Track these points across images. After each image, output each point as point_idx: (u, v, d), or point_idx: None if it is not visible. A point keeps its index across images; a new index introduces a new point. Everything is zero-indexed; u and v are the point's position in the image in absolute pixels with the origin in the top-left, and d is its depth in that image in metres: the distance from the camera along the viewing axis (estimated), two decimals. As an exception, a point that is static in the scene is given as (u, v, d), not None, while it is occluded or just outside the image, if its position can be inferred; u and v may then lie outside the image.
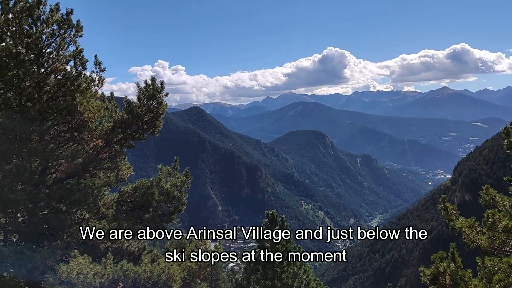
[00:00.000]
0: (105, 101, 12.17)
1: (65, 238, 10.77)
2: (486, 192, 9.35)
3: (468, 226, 9.13)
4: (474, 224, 9.21)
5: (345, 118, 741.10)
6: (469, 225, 9.15)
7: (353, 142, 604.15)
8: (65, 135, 11.58)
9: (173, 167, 13.00)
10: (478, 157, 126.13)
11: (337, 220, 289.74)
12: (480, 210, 9.25)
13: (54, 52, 10.95)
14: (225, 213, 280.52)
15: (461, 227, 9.18)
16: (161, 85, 11.56)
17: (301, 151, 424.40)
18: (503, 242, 8.74)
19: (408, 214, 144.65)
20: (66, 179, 11.61)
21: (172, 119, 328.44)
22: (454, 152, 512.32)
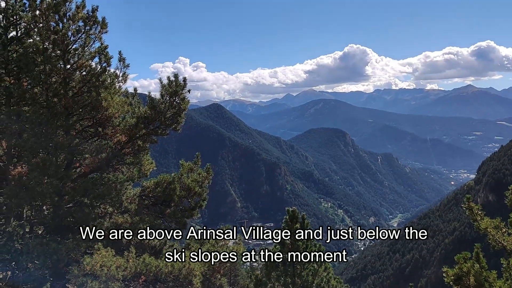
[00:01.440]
0: (129, 97, 12.34)
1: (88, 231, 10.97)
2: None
3: (494, 226, 8.93)
4: (499, 225, 9.00)
5: (366, 116, 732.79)
6: (495, 225, 8.94)
7: (374, 140, 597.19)
8: (90, 130, 11.80)
9: (194, 162, 13.08)
10: (503, 156, 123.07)
11: (357, 219, 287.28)
12: (504, 211, 9.05)
13: (79, 49, 11.16)
14: (244, 210, 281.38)
15: (486, 227, 8.98)
16: (183, 82, 11.64)
17: (321, 148, 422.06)
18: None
19: (430, 214, 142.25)
20: (90, 174, 11.83)
21: (192, 116, 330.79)
22: (478, 152, 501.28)
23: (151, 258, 10.05)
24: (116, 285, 9.14)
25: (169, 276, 10.27)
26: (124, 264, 9.47)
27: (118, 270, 9.22)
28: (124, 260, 9.61)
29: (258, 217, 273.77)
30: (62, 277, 11.17)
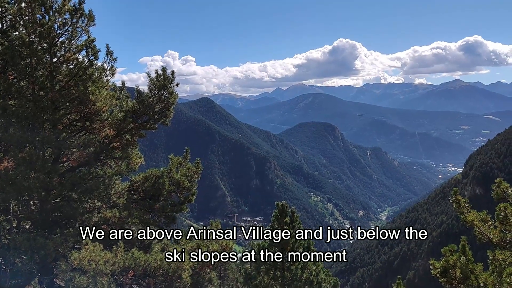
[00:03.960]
0: (117, 91, 12.23)
1: (77, 226, 10.91)
2: (499, 186, 9.25)
3: (480, 219, 9.06)
4: (486, 218, 9.13)
5: (355, 110, 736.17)
6: (481, 218, 9.07)
7: (363, 134, 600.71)
8: (77, 124, 11.67)
9: (183, 157, 13.05)
10: (490, 150, 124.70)
11: (346, 212, 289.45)
12: (490, 204, 9.17)
13: (66, 42, 11.01)
14: (234, 204, 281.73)
15: (473, 220, 9.10)
16: (172, 76, 11.57)
17: (310, 143, 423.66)
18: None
19: (418, 207, 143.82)
20: (78, 168, 11.73)
21: (182, 110, 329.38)
22: (465, 146, 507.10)
23: (140, 253, 10.01)
24: (105, 280, 9.10)
25: (158, 271, 10.25)
26: (113, 259, 9.42)
27: (106, 265, 9.18)
28: (113, 254, 9.56)
29: (247, 211, 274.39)
30: (49, 272, 11.10)
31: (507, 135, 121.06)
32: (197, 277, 12.16)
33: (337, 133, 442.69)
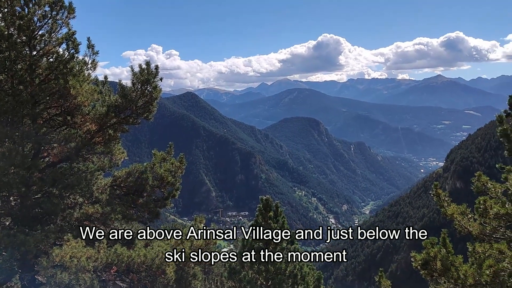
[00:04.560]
0: (99, 85, 12.05)
1: (58, 222, 10.76)
2: (479, 179, 9.43)
3: (460, 212, 9.22)
4: (465, 211, 9.31)
5: (339, 105, 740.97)
6: (461, 211, 9.24)
7: (347, 129, 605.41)
8: (58, 118, 11.47)
9: (167, 152, 12.96)
10: (471, 145, 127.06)
11: (330, 207, 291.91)
12: (471, 198, 9.33)
13: (46, 34, 10.78)
14: (219, 199, 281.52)
15: (453, 213, 9.27)
16: (155, 70, 11.46)
17: (295, 138, 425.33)
18: (494, 229, 8.84)
19: (400, 201, 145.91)
20: (59, 163, 11.55)
21: (166, 104, 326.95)
22: (446, 140, 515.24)
23: (123, 249, 9.93)
24: (87, 276, 9.01)
25: (141, 266, 10.19)
26: (95, 255, 9.33)
27: (88, 261, 9.08)
28: (95, 251, 9.46)
29: (232, 206, 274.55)
30: (31, 269, 10.93)
31: (487, 130, 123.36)
32: (181, 272, 12.13)
33: (322, 128, 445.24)
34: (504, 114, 8.71)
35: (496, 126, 8.82)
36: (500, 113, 8.72)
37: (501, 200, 8.85)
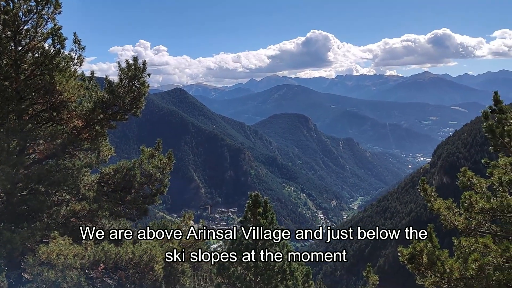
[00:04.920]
0: (85, 81, 11.92)
1: (45, 219, 10.65)
2: (464, 174, 9.55)
3: (446, 207, 9.34)
4: (451, 206, 9.43)
5: (328, 101, 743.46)
6: (447, 206, 9.35)
7: (336, 125, 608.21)
8: (44, 115, 11.32)
9: (155, 148, 12.89)
10: (457, 141, 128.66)
11: (319, 202, 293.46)
12: (457, 193, 9.45)
13: (31, 30, 10.62)
14: (208, 195, 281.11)
15: (439, 208, 9.38)
16: (143, 66, 11.36)
17: (284, 134, 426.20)
18: (479, 223, 8.97)
19: (388, 197, 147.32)
20: (45, 160, 11.41)
21: (154, 100, 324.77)
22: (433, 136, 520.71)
23: (110, 246, 9.87)
24: (74, 273, 8.94)
25: (129, 263, 10.14)
26: (82, 252, 9.25)
27: (75, 259, 9.00)
28: (82, 248, 9.39)
29: (222, 203, 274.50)
30: (17, 267, 10.81)
31: (473, 126, 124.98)
32: (170, 269, 12.12)
33: (311, 124, 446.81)
34: (489, 110, 8.83)
35: (482, 122, 8.94)
36: (486, 109, 8.84)
37: (486, 195, 8.99)
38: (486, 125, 8.56)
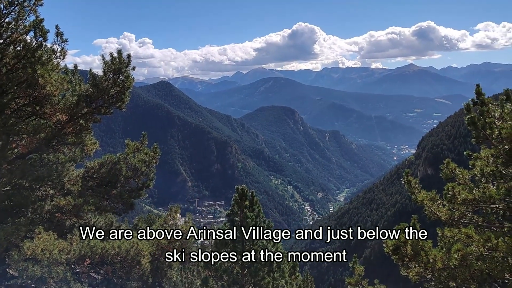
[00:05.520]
0: (69, 74, 11.73)
1: (29, 215, 10.52)
2: (447, 166, 9.70)
3: (429, 198, 9.48)
4: (435, 197, 9.58)
5: (314, 94, 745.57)
6: (430, 197, 9.50)
7: (322, 118, 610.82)
8: (26, 109, 11.13)
9: (141, 142, 12.80)
10: (441, 132, 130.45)
11: (306, 195, 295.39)
12: (442, 184, 9.60)
13: (13, 22, 10.39)
14: (195, 189, 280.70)
15: (423, 199, 9.52)
16: (128, 59, 11.22)
17: (271, 126, 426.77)
18: (462, 214, 9.13)
19: (374, 188, 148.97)
20: (29, 155, 11.25)
21: (139, 94, 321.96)
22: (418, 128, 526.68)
23: (96, 240, 9.80)
24: (60, 269, 8.87)
25: (116, 258, 10.09)
26: (68, 247, 9.18)
27: (61, 254, 8.93)
28: (68, 243, 9.31)
29: (209, 196, 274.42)
30: (2, 262, 10.68)
31: (457, 118, 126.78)
32: (157, 263, 12.09)
33: (297, 117, 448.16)
34: (471, 102, 8.96)
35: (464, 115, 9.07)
36: (468, 102, 8.97)
37: (469, 186, 9.15)
38: (468, 117, 8.68)
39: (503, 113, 8.45)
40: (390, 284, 12.79)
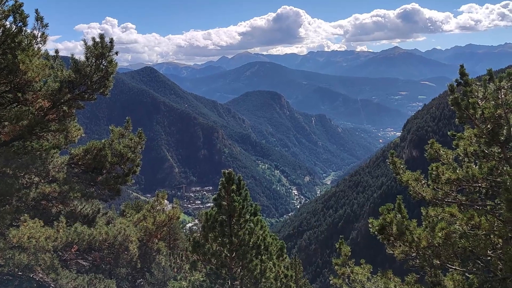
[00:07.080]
0: (50, 60, 11.49)
1: (14, 203, 10.39)
2: (431, 146, 9.83)
3: (414, 179, 9.62)
4: (419, 177, 9.72)
5: (300, 78, 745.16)
6: (415, 178, 9.63)
7: (308, 102, 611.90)
8: (8, 95, 10.90)
9: (125, 128, 12.66)
10: (426, 114, 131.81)
11: (293, 179, 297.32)
12: (426, 166, 9.72)
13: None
14: (182, 175, 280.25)
15: (408, 180, 9.65)
16: (110, 43, 11.02)
17: (257, 111, 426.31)
18: (446, 193, 9.29)
19: (360, 171, 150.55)
20: (12, 142, 11.06)
21: (124, 80, 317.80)
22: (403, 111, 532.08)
23: (83, 227, 9.75)
24: (47, 256, 8.82)
25: (104, 244, 10.07)
26: (54, 235, 9.12)
27: (47, 241, 8.87)
28: (54, 230, 9.24)
29: (196, 182, 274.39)
30: None
31: (441, 100, 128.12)
32: (145, 248, 12.11)
33: (283, 101, 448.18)
34: (455, 83, 9.04)
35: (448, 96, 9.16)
36: (452, 82, 9.04)
37: (453, 166, 9.30)
38: (452, 98, 8.76)
39: (486, 93, 8.56)
40: (376, 265, 13.03)
